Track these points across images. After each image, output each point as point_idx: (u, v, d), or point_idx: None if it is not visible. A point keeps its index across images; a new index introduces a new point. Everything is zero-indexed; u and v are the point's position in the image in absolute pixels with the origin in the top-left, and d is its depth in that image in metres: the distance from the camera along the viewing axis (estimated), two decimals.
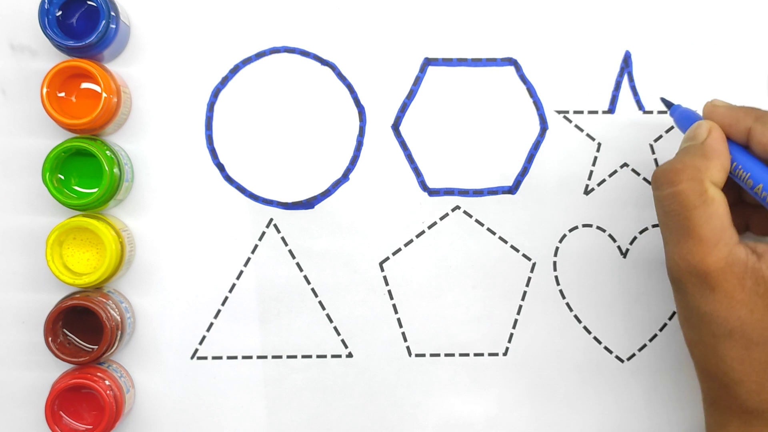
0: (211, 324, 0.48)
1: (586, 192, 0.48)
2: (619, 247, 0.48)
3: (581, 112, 0.48)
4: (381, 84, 0.48)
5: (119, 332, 0.45)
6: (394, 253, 0.48)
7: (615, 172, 0.48)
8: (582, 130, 0.48)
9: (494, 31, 0.48)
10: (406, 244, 0.48)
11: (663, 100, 0.46)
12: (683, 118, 0.44)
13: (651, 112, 0.48)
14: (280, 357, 0.48)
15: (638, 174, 0.48)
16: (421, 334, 0.48)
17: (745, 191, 0.43)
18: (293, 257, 0.48)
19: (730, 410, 0.39)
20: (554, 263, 0.48)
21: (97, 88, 0.44)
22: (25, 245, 0.47)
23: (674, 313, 0.48)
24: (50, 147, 0.44)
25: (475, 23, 0.48)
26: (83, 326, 0.45)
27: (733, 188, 0.42)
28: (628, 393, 0.49)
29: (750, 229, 0.44)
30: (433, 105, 0.48)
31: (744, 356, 0.38)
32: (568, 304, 0.49)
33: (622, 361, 0.49)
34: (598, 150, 0.48)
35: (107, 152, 0.44)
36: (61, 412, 0.45)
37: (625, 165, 0.48)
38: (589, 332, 0.49)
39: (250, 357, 0.48)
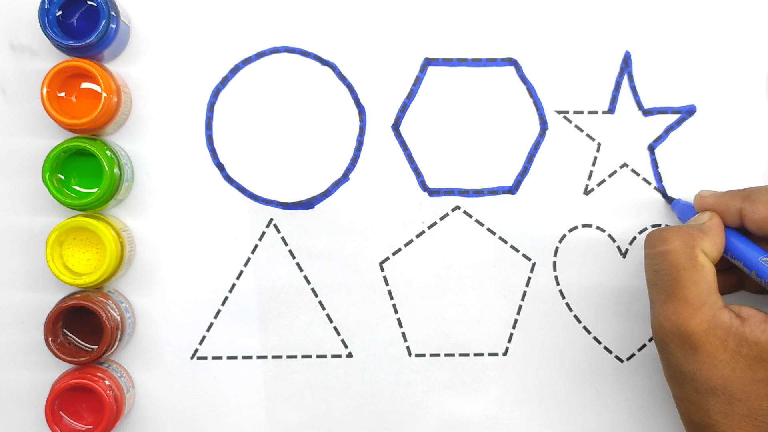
0: (211, 324, 0.48)
1: (586, 192, 0.48)
2: (618, 247, 0.48)
3: (581, 113, 0.48)
4: (381, 84, 0.48)
5: (119, 332, 0.45)
6: (394, 253, 0.48)
7: (615, 172, 0.48)
8: (582, 130, 0.48)
9: (494, 31, 0.48)
10: (406, 244, 0.48)
11: (663, 195, 0.48)
12: (683, 211, 0.46)
13: (651, 112, 0.48)
14: (280, 357, 0.48)
15: (638, 174, 0.48)
16: (421, 334, 0.48)
17: None
18: (293, 257, 0.48)
19: None
20: (554, 263, 0.48)
21: (97, 88, 0.44)
22: (25, 245, 0.47)
23: None
24: (50, 147, 0.44)
25: (475, 23, 0.48)
26: (83, 326, 0.45)
27: None
28: (627, 393, 0.49)
29: (744, 287, 0.46)
30: (433, 105, 0.48)
31: (728, 410, 0.39)
32: (568, 304, 0.49)
33: (621, 361, 0.49)
34: (598, 150, 0.48)
35: (107, 152, 0.44)
36: (61, 412, 0.45)
37: (625, 165, 0.48)
38: (589, 332, 0.49)
39: (250, 357, 0.48)
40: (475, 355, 0.48)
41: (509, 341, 0.48)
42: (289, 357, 0.48)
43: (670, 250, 0.40)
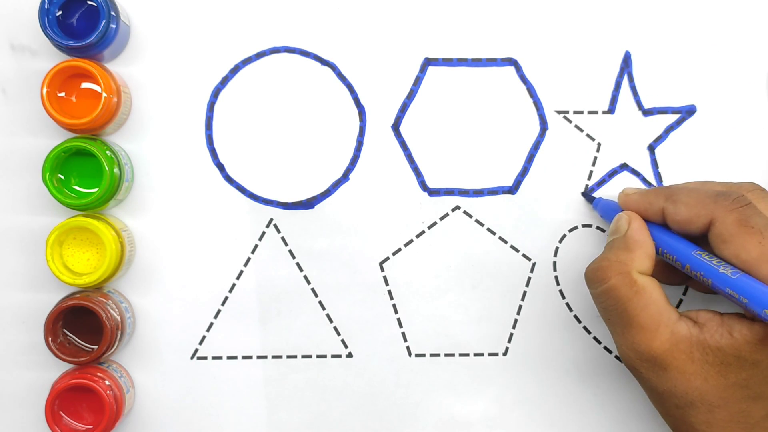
0: (211, 324, 0.48)
1: (586, 192, 0.48)
2: None
3: (581, 112, 0.48)
4: (381, 84, 0.48)
5: (119, 332, 0.45)
6: (394, 253, 0.48)
7: (615, 172, 0.48)
8: (582, 130, 0.48)
9: (494, 31, 0.48)
10: (406, 244, 0.48)
11: (584, 194, 0.48)
12: (606, 209, 0.46)
13: (651, 113, 0.48)
14: (280, 357, 0.48)
15: (638, 174, 0.48)
16: (421, 334, 0.48)
17: None
18: (293, 257, 0.48)
19: None
20: (554, 263, 0.48)
21: (97, 88, 0.44)
22: (25, 245, 0.47)
23: None
24: (50, 147, 0.44)
25: (475, 23, 0.48)
26: (83, 326, 0.45)
27: None
28: (628, 393, 0.49)
29: (690, 283, 0.46)
30: (433, 105, 0.48)
31: (710, 419, 0.39)
32: (568, 304, 0.49)
33: (621, 361, 0.49)
34: (598, 150, 0.48)
35: (107, 152, 0.44)
36: (61, 412, 0.45)
37: (625, 165, 0.48)
38: (589, 332, 0.49)
39: (250, 357, 0.48)
40: (475, 355, 0.48)
41: (509, 341, 0.48)
42: (289, 357, 0.48)
43: (610, 287, 0.40)
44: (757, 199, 0.40)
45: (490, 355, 0.48)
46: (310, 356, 0.48)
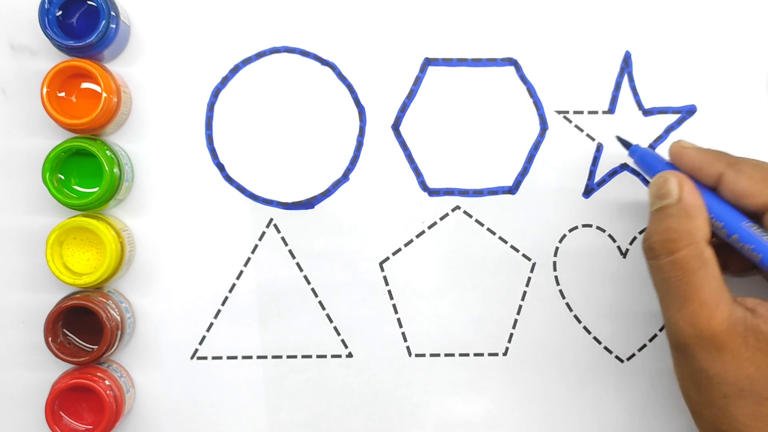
0: (211, 324, 0.48)
1: (586, 192, 0.48)
2: (618, 247, 0.48)
3: (581, 112, 0.48)
4: (381, 84, 0.48)
5: (119, 332, 0.45)
6: (394, 253, 0.48)
7: (615, 172, 0.48)
8: (582, 130, 0.48)
9: (494, 31, 0.48)
10: (406, 244, 0.48)
11: (619, 139, 0.46)
12: (646, 160, 0.43)
13: (651, 112, 0.48)
14: (280, 357, 0.48)
15: (638, 174, 0.48)
16: (421, 334, 0.48)
17: None
18: (293, 257, 0.48)
19: None
20: (554, 263, 0.48)
21: (97, 88, 0.44)
22: (25, 245, 0.47)
23: None
24: (50, 147, 0.44)
25: (475, 23, 0.48)
26: (83, 326, 0.45)
27: None
28: (628, 393, 0.49)
29: (725, 269, 0.44)
30: (433, 105, 0.48)
31: (757, 412, 0.38)
32: (568, 304, 0.49)
33: (622, 361, 0.49)
34: (598, 150, 0.48)
35: (107, 152, 0.44)
36: (61, 412, 0.45)
37: (625, 165, 0.48)
38: (589, 332, 0.49)
39: (250, 357, 0.48)
40: (475, 355, 0.48)
41: (509, 341, 0.48)
42: (289, 357, 0.48)
43: (680, 258, 0.38)
44: None
45: (490, 355, 0.48)
46: (310, 356, 0.48)
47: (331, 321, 0.48)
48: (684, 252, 0.38)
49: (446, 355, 0.48)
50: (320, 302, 0.48)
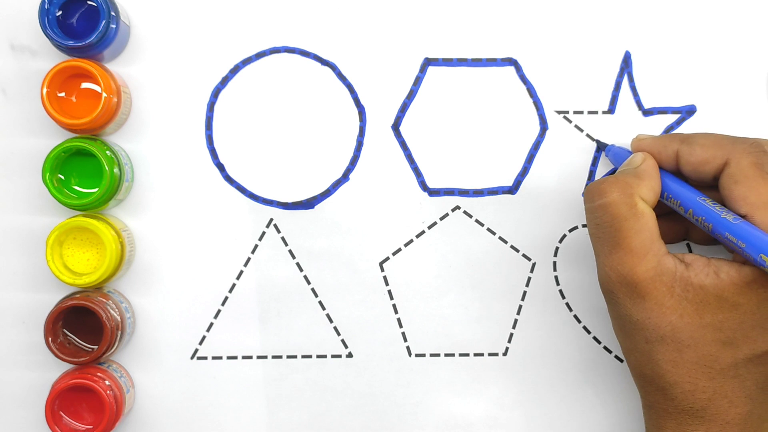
0: (211, 324, 0.48)
1: (598, 141, 0.48)
2: None
3: (581, 112, 0.48)
4: (381, 84, 0.48)
5: (119, 332, 0.45)
6: (394, 253, 0.48)
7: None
8: (582, 130, 0.48)
9: (494, 31, 0.48)
10: (406, 244, 0.48)
11: (597, 141, 0.48)
12: (618, 156, 0.45)
13: (651, 112, 0.48)
14: (280, 357, 0.48)
15: None
16: (421, 334, 0.48)
17: None
18: (293, 257, 0.48)
19: (666, 412, 0.41)
20: (554, 263, 0.48)
21: (97, 88, 0.44)
22: (25, 245, 0.47)
23: None
24: (50, 147, 0.44)
25: (475, 23, 0.48)
26: (83, 326, 0.45)
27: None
28: (627, 393, 0.49)
29: (689, 237, 0.46)
30: (433, 105, 0.48)
31: (677, 359, 0.39)
32: (567, 304, 0.49)
33: (621, 360, 0.49)
34: (598, 150, 0.48)
35: (107, 152, 0.44)
36: (61, 412, 0.45)
37: None
38: (589, 332, 0.49)
39: (250, 357, 0.48)
40: (475, 355, 0.48)
41: (509, 341, 0.48)
42: (289, 357, 0.48)
43: (609, 202, 0.40)
44: None
45: (490, 355, 0.48)
46: (310, 356, 0.48)
47: (331, 321, 0.48)
48: (614, 196, 0.40)
49: (446, 355, 0.48)
50: (320, 302, 0.48)
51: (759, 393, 0.40)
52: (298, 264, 0.48)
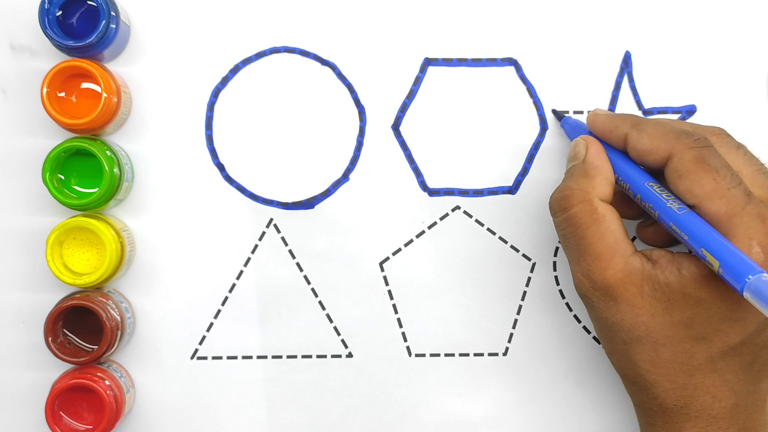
0: (211, 324, 0.48)
1: (556, 110, 0.48)
2: None
3: (581, 113, 0.48)
4: (381, 84, 0.48)
5: (119, 332, 0.45)
6: (394, 253, 0.48)
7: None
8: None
9: (494, 31, 0.48)
10: (406, 244, 0.48)
11: (554, 111, 0.47)
12: (572, 129, 0.46)
13: (651, 112, 0.48)
14: (280, 357, 0.48)
15: None
16: (421, 334, 0.48)
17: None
18: (293, 257, 0.48)
19: (652, 411, 0.41)
20: (554, 263, 0.48)
21: (97, 88, 0.44)
22: (25, 245, 0.47)
23: None
24: (50, 147, 0.44)
25: (475, 23, 0.48)
26: (83, 326, 0.45)
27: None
28: (627, 393, 0.48)
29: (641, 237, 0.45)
30: (433, 105, 0.48)
31: (654, 358, 0.40)
32: (567, 304, 0.49)
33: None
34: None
35: (107, 152, 0.44)
36: (61, 412, 0.45)
37: None
38: (589, 332, 0.49)
39: (250, 357, 0.48)
40: (475, 355, 0.48)
41: (509, 341, 0.48)
42: (289, 357, 0.48)
43: (571, 215, 0.40)
44: (719, 143, 0.40)
45: (490, 355, 0.48)
46: (310, 356, 0.48)
47: (331, 321, 0.48)
48: (576, 209, 0.40)
49: (446, 355, 0.48)
50: (320, 302, 0.48)
51: (741, 385, 0.40)
52: (298, 264, 0.48)
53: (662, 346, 0.39)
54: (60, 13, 0.44)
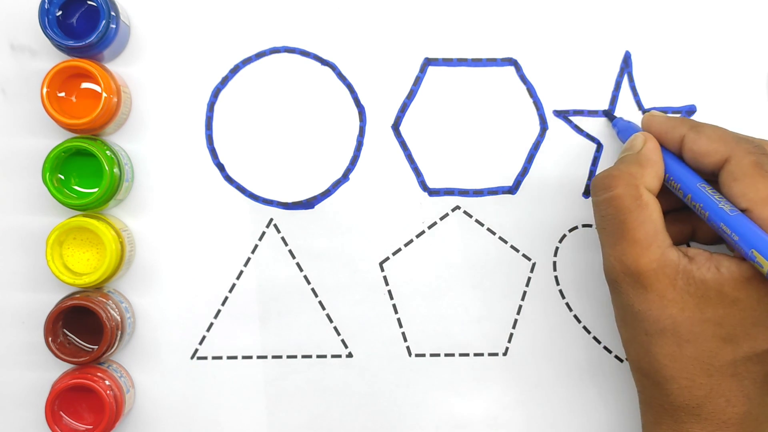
0: (211, 324, 0.48)
1: (586, 192, 0.48)
2: None
3: (581, 113, 0.48)
4: (381, 84, 0.48)
5: (119, 332, 0.45)
6: (394, 253, 0.48)
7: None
8: (582, 131, 0.48)
9: (494, 31, 0.48)
10: (406, 244, 0.48)
11: (605, 112, 0.47)
12: (625, 129, 0.46)
13: None
14: (280, 357, 0.48)
15: None
16: (421, 334, 0.48)
17: None
18: (293, 257, 0.48)
19: (662, 408, 0.41)
20: (554, 263, 0.48)
21: (97, 88, 0.44)
22: (25, 245, 0.47)
23: None
24: (50, 147, 0.44)
25: (475, 23, 0.48)
26: (83, 326, 0.45)
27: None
28: (627, 393, 0.49)
29: (695, 238, 0.46)
30: (433, 105, 0.48)
31: (675, 353, 0.39)
32: (568, 304, 0.49)
33: (621, 360, 0.49)
34: (598, 150, 0.48)
35: (107, 152, 0.44)
36: (61, 412, 0.45)
37: None
38: (589, 332, 0.49)
39: (250, 357, 0.48)
40: (475, 355, 0.48)
41: (509, 341, 0.48)
42: (289, 357, 0.48)
43: (615, 196, 0.40)
44: None
45: (490, 355, 0.48)
46: (310, 356, 0.48)
47: (331, 321, 0.48)
48: (620, 190, 0.40)
49: (446, 355, 0.48)
50: (320, 302, 0.48)
51: (757, 393, 0.40)
52: (298, 264, 0.48)
53: (686, 342, 0.39)
54: (60, 13, 0.44)
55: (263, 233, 0.48)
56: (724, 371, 0.39)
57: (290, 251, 0.48)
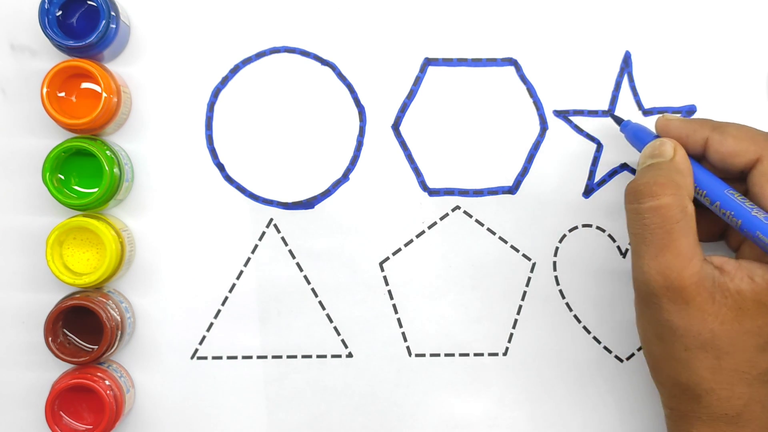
0: (211, 324, 0.48)
1: (586, 192, 0.48)
2: (618, 247, 0.48)
3: (581, 113, 0.48)
4: (381, 84, 0.48)
5: (119, 332, 0.45)
6: (394, 253, 0.48)
7: (615, 172, 0.48)
8: (582, 131, 0.48)
9: (494, 31, 0.48)
10: (406, 244, 0.48)
11: (613, 116, 0.47)
12: (636, 134, 0.44)
13: (651, 112, 0.48)
14: (280, 357, 0.48)
15: None
16: (421, 334, 0.48)
17: None
18: (293, 257, 0.48)
19: (699, 420, 0.40)
20: (554, 263, 0.48)
21: (97, 88, 0.44)
22: (25, 245, 0.47)
23: None
24: (50, 147, 0.44)
25: (475, 23, 0.48)
26: (83, 326, 0.45)
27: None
28: (627, 393, 0.49)
29: (726, 238, 0.45)
30: (433, 105, 0.48)
31: (716, 366, 0.39)
32: (567, 304, 0.49)
33: (621, 360, 0.49)
34: (598, 150, 0.48)
35: (107, 152, 0.44)
36: (61, 412, 0.45)
37: (625, 165, 0.48)
38: (589, 332, 0.49)
39: (250, 357, 0.48)
40: (475, 355, 0.48)
41: (509, 341, 0.48)
42: (289, 357, 0.48)
43: (662, 205, 0.38)
44: None
45: (490, 355, 0.48)
46: (310, 356, 0.48)
47: (331, 321, 0.48)
48: (668, 199, 0.38)
49: (446, 355, 0.48)
50: (320, 302, 0.48)
51: None
52: (298, 264, 0.48)
53: (726, 354, 0.38)
54: (60, 13, 0.44)
55: (263, 233, 0.48)
56: (762, 379, 0.39)
57: (290, 251, 0.48)
